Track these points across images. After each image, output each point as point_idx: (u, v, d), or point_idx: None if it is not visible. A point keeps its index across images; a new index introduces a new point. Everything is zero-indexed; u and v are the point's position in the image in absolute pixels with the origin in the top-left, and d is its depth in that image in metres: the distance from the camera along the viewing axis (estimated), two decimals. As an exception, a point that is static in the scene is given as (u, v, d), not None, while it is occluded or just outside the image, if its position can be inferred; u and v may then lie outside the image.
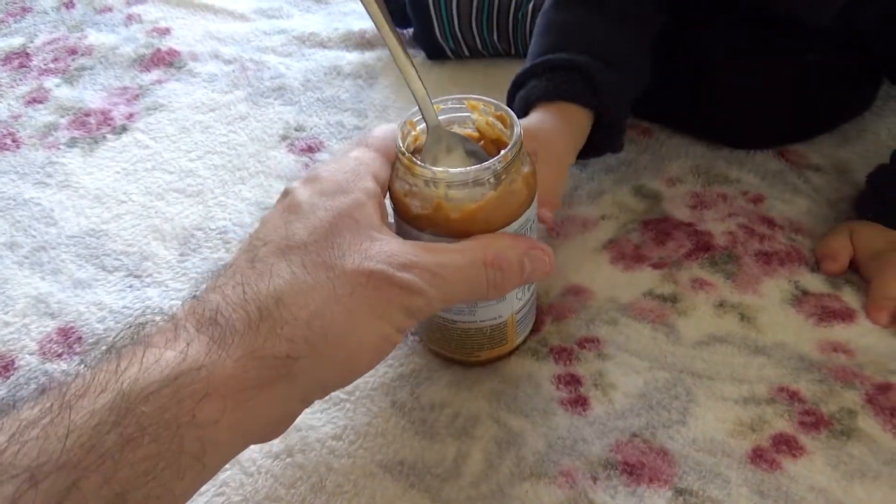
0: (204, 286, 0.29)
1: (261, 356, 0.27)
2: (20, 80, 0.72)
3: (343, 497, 0.37)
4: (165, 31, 0.77)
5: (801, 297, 0.45)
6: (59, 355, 0.46)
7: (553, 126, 0.47)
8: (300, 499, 0.37)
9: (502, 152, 0.33)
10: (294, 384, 0.27)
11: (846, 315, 0.44)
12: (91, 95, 0.69)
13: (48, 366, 0.46)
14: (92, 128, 0.65)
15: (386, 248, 0.30)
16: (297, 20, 0.78)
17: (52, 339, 0.47)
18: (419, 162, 0.33)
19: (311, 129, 0.63)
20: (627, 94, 0.50)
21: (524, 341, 0.43)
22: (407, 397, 0.42)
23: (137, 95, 0.68)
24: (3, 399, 0.44)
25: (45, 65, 0.73)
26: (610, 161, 0.56)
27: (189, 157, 0.61)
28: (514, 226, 0.35)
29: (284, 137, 0.63)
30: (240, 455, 0.39)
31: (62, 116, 0.67)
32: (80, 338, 0.47)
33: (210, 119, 0.65)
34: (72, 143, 0.64)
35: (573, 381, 0.42)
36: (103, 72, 0.72)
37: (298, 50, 0.73)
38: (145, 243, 0.53)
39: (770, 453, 0.38)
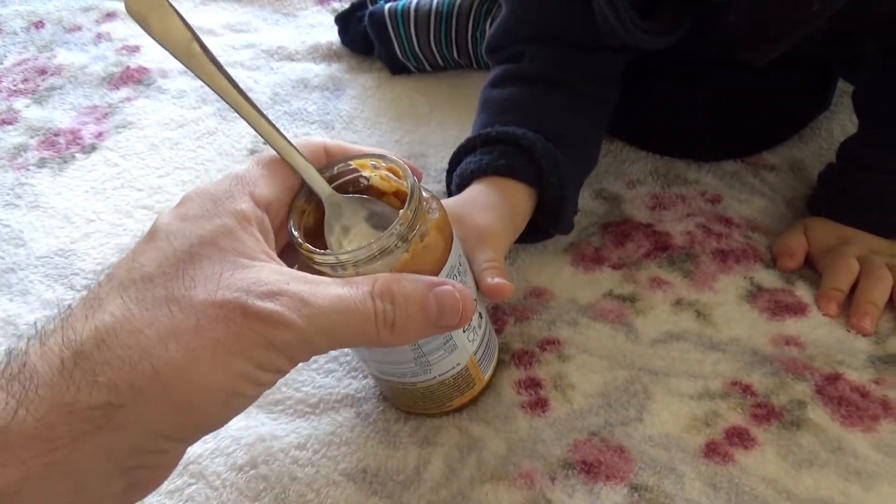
0: (28, 335, 0.25)
1: (72, 409, 0.23)
2: (-11, 101, 0.72)
3: (307, 506, 0.38)
4: (135, 49, 0.77)
5: (755, 293, 0.46)
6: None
7: (487, 204, 0.43)
8: (265, 509, 0.38)
9: (401, 212, 0.30)
10: (122, 434, 0.24)
11: (798, 309, 0.45)
12: (60, 115, 0.69)
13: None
14: (61, 147, 0.66)
15: (251, 276, 0.26)
16: (266, 34, 0.79)
17: (21, 360, 0.48)
18: (317, 250, 0.29)
19: (279, 142, 0.64)
20: (576, 171, 0.47)
21: (493, 374, 0.42)
22: (372, 408, 0.42)
23: (107, 114, 0.69)
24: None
25: (14, 86, 0.74)
26: (572, 164, 0.57)
27: (158, 173, 0.62)
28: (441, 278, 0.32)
29: (253, 151, 0.63)
30: (204, 469, 0.40)
31: (32, 137, 0.67)
32: (49, 358, 0.48)
33: (179, 135, 0.66)
34: (41, 163, 0.64)
35: (533, 384, 0.43)
36: (73, 91, 0.72)
37: (266, 63, 0.74)
38: (113, 261, 0.54)
39: (723, 446, 0.39)
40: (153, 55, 0.76)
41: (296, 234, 0.30)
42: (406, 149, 0.61)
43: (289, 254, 0.31)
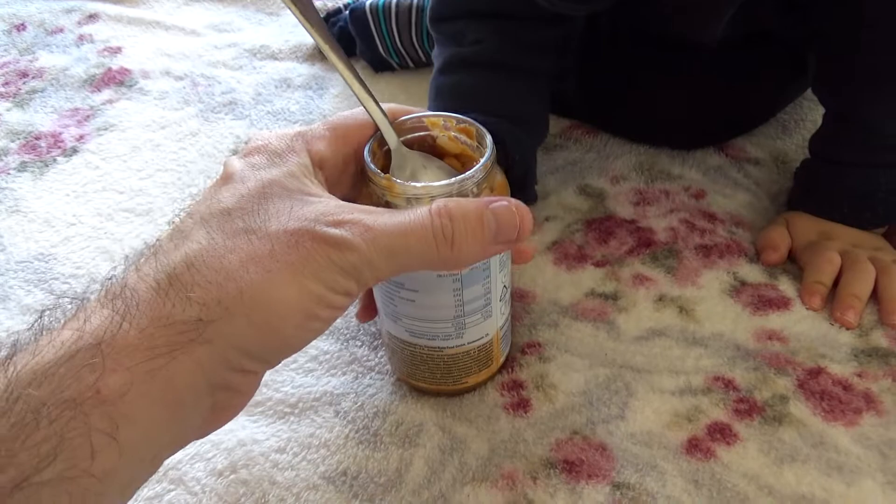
0: (124, 265, 0.28)
1: (169, 322, 0.25)
2: (-30, 106, 0.72)
3: (287, 510, 0.38)
4: (117, 50, 0.77)
5: (739, 288, 0.46)
6: (8, 382, 0.46)
7: None
8: (245, 513, 0.38)
9: (482, 160, 0.32)
10: (211, 348, 0.26)
11: (782, 303, 0.45)
12: (42, 118, 0.69)
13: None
14: (42, 151, 0.65)
15: (318, 209, 0.28)
16: (249, 33, 0.78)
17: None
18: (398, 180, 0.31)
19: (262, 142, 0.63)
20: (533, 146, 0.50)
21: (506, 359, 0.43)
22: (350, 405, 0.42)
23: (88, 116, 0.68)
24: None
25: (-5, 89, 0.73)
26: (556, 161, 0.57)
27: (139, 175, 0.61)
28: None
29: (234, 152, 0.63)
30: (184, 475, 0.39)
31: (12, 141, 0.66)
32: (28, 364, 0.47)
33: (160, 137, 0.65)
34: (22, 167, 0.64)
35: (515, 385, 0.43)
36: (54, 94, 0.72)
37: (249, 63, 0.74)
38: (94, 265, 0.54)
39: (705, 443, 0.39)
40: (136, 56, 0.75)
41: (373, 166, 0.32)
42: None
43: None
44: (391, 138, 0.34)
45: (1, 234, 0.57)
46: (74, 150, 0.65)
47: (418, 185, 0.31)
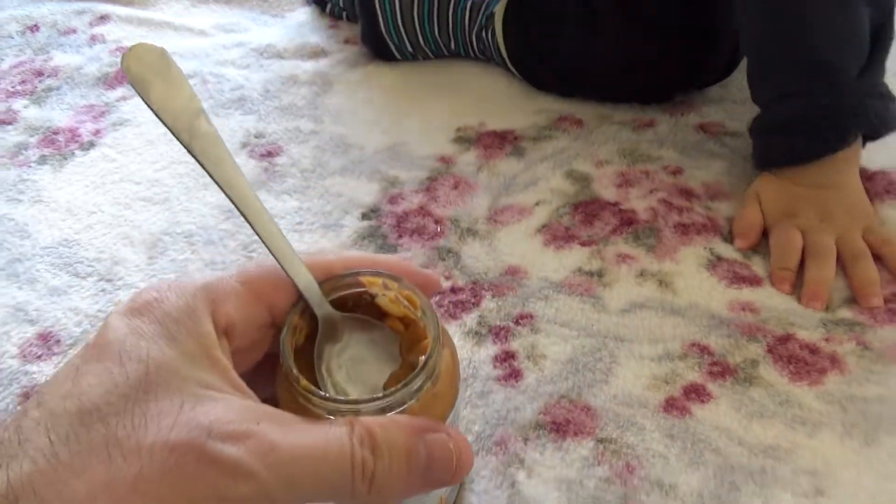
0: None
1: None
2: (-11, 103, 0.75)
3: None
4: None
5: (715, 263, 0.50)
6: (40, 357, 0.50)
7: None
8: None
9: (424, 360, 0.27)
10: None
11: (754, 280, 0.49)
12: (59, 115, 0.72)
13: (28, 367, 0.49)
14: (61, 145, 0.69)
15: (216, 411, 0.22)
16: (255, 33, 0.82)
17: (32, 344, 0.51)
18: (317, 391, 0.26)
19: (270, 135, 0.67)
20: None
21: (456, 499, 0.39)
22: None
23: (103, 112, 0.72)
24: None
25: (12, 87, 0.77)
26: (546, 151, 0.61)
27: (154, 167, 0.65)
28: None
29: (245, 144, 0.66)
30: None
31: (31, 136, 0.70)
32: (58, 341, 0.51)
33: (173, 131, 0.69)
34: (42, 160, 0.67)
35: (508, 356, 0.46)
36: (69, 91, 0.75)
37: (256, 62, 0.77)
38: (115, 250, 0.57)
39: (681, 401, 0.42)
40: (146, 55, 0.79)
41: (291, 364, 0.26)
42: (389, 137, 0.64)
43: (257, 378, 0.27)
44: (318, 305, 0.28)
45: (25, 222, 0.61)
46: (91, 144, 0.68)
47: (341, 400, 0.26)
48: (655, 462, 0.40)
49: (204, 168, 0.26)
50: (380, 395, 0.26)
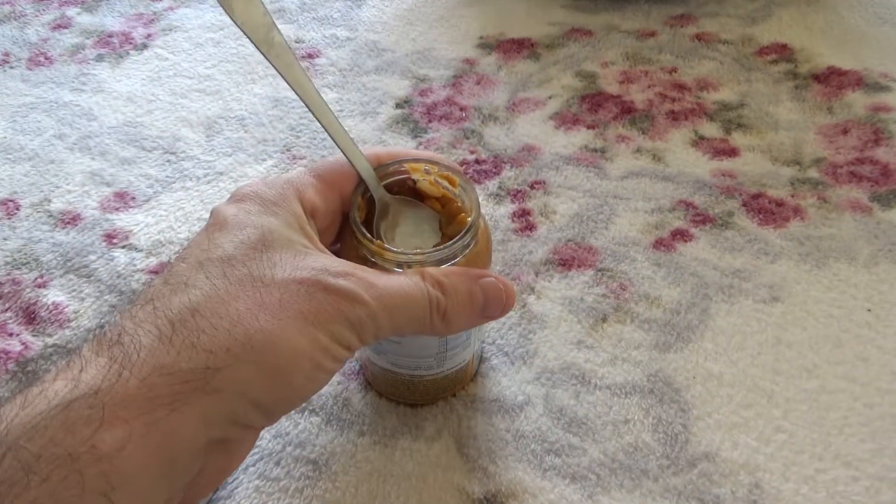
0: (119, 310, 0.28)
1: (173, 371, 0.24)
2: (43, 10, 0.82)
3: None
4: (170, -32, 0.87)
5: (699, 141, 0.58)
6: (118, 209, 0.58)
7: None
8: None
9: (470, 222, 0.33)
10: (217, 399, 0.24)
11: (732, 152, 0.57)
12: (111, 21, 0.79)
13: (108, 215, 0.57)
14: (115, 46, 0.76)
15: (321, 261, 0.28)
16: (287, -45, 0.88)
17: (110, 199, 0.59)
18: (389, 247, 0.32)
19: (309, 41, 0.75)
20: None
21: (477, 370, 0.44)
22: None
23: (153, 20, 0.79)
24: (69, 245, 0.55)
25: (66, -2, 0.83)
26: (558, 55, 0.69)
27: (205, 65, 0.72)
28: None
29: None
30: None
31: (87, 38, 0.77)
32: (133, 197, 0.59)
33: (220, 36, 0.76)
34: (99, 58, 0.74)
35: (524, 213, 0.55)
36: (119, 2, 0.82)
37: (290, -21, 0.84)
38: (176, 129, 0.65)
39: (668, 241, 0.51)
40: (189, -28, 0.85)
41: (363, 228, 0.32)
42: (418, 44, 0.72)
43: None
44: (375, 189, 0.34)
45: (91, 107, 0.68)
46: (144, 46, 0.75)
47: (411, 253, 0.32)
48: (644, 282, 0.48)
49: (278, 72, 0.31)
50: (441, 247, 0.32)
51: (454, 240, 0.32)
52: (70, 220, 0.57)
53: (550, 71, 0.67)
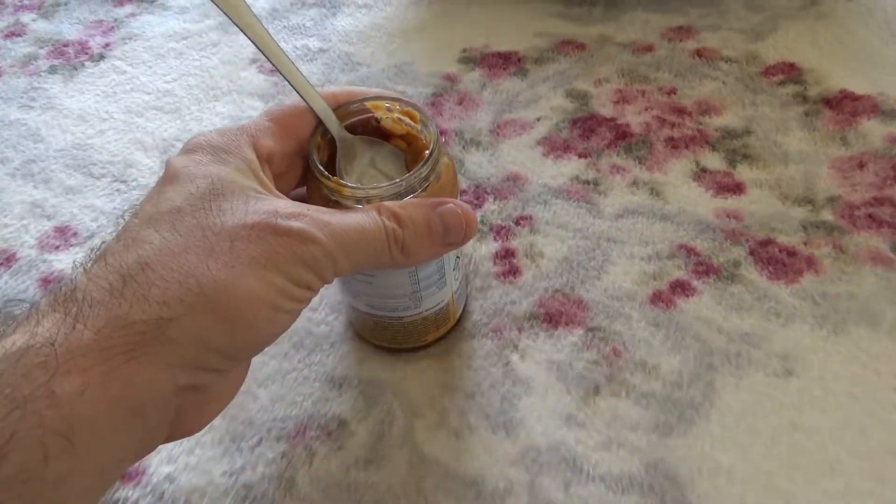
0: (72, 268, 0.27)
1: (127, 323, 0.24)
2: (-3, 16, 0.76)
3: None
4: (135, -32, 0.80)
5: (701, 174, 0.52)
6: (57, 247, 0.52)
7: None
8: None
9: (427, 154, 0.32)
10: (174, 347, 0.25)
11: (738, 188, 0.51)
12: (67, 28, 0.73)
13: (47, 256, 0.52)
14: (70, 56, 0.70)
15: (273, 204, 0.28)
16: (261, -45, 0.82)
17: (49, 236, 0.53)
18: (347, 183, 0.32)
19: (277, 52, 0.68)
20: None
21: (463, 311, 0.45)
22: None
23: (112, 27, 0.73)
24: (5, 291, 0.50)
25: (20, 1, 0.77)
26: (548, 71, 0.63)
27: (165, 79, 0.66)
28: None
29: (254, 60, 0.68)
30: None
31: (41, 47, 0.71)
32: (75, 233, 0.53)
33: (183, 46, 0.70)
34: (52, 70, 0.68)
35: (508, 254, 0.49)
36: (77, 7, 0.76)
37: (262, -18, 0.78)
38: (129, 153, 0.59)
39: (667, 295, 0.45)
40: (153, -27, 0.79)
41: (320, 167, 0.32)
42: (396, 58, 0.66)
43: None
44: (334, 128, 0.34)
45: (38, 127, 0.63)
46: (101, 56, 0.69)
47: (368, 187, 0.32)
48: (640, 346, 0.43)
49: (227, 15, 0.31)
50: (396, 180, 0.32)
51: (411, 172, 0.32)
52: (4, 260, 0.52)
53: (539, 89, 0.61)
